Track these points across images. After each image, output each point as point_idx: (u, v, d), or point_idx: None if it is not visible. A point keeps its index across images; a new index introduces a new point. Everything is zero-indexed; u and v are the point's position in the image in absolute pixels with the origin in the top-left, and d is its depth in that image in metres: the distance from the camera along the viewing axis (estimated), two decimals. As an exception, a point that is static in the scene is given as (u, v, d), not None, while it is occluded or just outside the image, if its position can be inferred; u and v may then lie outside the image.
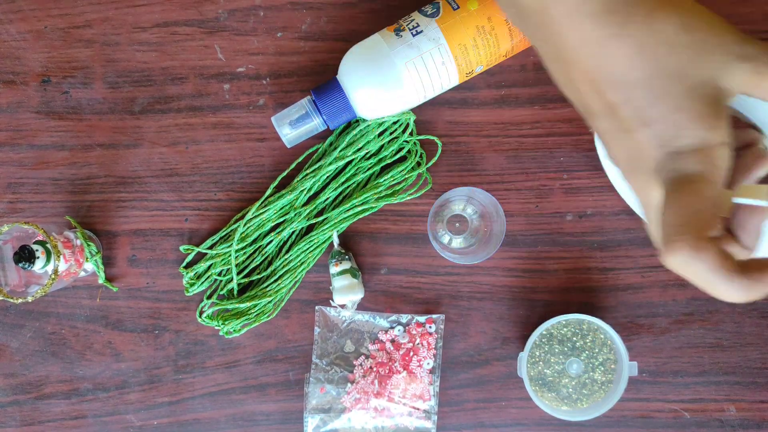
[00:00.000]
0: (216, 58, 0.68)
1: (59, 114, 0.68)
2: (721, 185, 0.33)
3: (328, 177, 0.67)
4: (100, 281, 0.67)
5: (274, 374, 0.68)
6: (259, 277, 0.68)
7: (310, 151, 0.68)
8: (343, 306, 0.67)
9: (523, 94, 0.67)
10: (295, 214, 0.67)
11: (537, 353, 0.65)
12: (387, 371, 0.67)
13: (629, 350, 0.67)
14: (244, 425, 0.68)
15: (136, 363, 0.68)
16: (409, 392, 0.67)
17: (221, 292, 0.68)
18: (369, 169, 0.67)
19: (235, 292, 0.68)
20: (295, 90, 0.68)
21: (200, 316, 0.68)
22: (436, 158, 0.67)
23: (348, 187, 0.68)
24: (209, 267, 0.68)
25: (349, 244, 0.68)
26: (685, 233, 0.30)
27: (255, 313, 0.67)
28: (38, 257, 0.60)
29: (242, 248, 0.67)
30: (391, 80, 0.61)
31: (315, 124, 0.64)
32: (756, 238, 0.36)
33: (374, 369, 0.68)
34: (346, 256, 0.66)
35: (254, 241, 0.68)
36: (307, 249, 0.67)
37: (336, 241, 0.67)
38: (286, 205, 0.67)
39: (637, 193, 0.36)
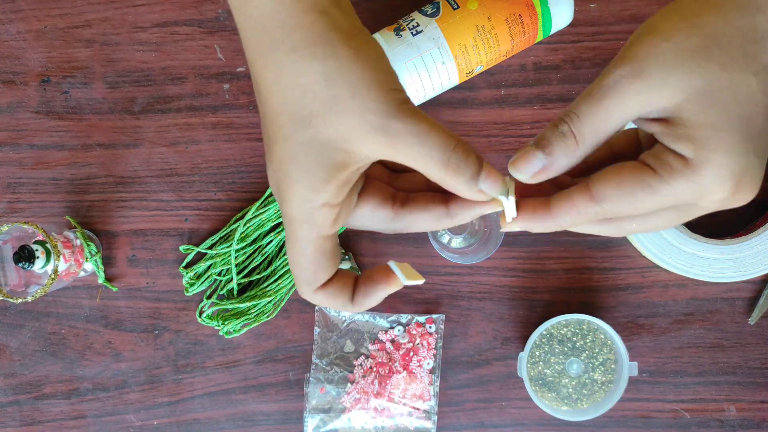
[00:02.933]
0: (216, 58, 0.68)
1: (59, 114, 0.68)
2: (325, 240, 0.35)
3: (328, 177, 0.67)
4: (100, 281, 0.67)
5: (274, 374, 0.68)
6: (259, 277, 0.68)
7: (310, 151, 0.68)
8: (343, 306, 0.67)
9: (523, 94, 0.67)
10: (295, 214, 0.67)
11: (537, 353, 0.65)
12: (387, 371, 0.67)
13: (629, 350, 0.67)
14: (244, 425, 0.68)
15: (136, 363, 0.68)
16: (409, 392, 0.67)
17: (221, 292, 0.68)
18: (369, 169, 0.67)
19: (235, 292, 0.68)
20: (295, 90, 0.68)
21: (200, 316, 0.68)
22: (436, 158, 0.67)
23: (348, 187, 0.68)
24: (209, 267, 0.68)
25: (349, 244, 0.68)
26: (301, 287, 0.36)
27: (255, 313, 0.67)
28: (38, 257, 0.59)
29: (242, 248, 0.67)
30: (391, 80, 0.61)
31: (315, 124, 0.64)
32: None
33: (374, 369, 0.68)
34: (346, 256, 0.66)
35: (254, 241, 0.68)
36: (307, 249, 0.67)
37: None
38: (286, 205, 0.67)
39: None
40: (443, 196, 0.36)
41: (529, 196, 0.36)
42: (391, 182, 0.38)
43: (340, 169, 0.33)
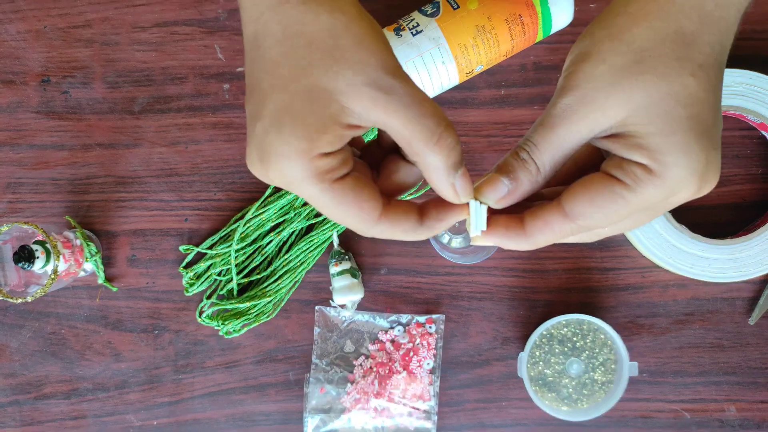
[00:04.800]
0: (216, 58, 0.68)
1: (59, 114, 0.68)
2: (339, 182, 0.34)
3: (328, 177, 0.67)
4: (100, 281, 0.67)
5: (274, 374, 0.68)
6: (258, 277, 0.68)
7: (310, 151, 0.68)
8: (343, 306, 0.67)
9: (523, 94, 0.67)
10: (295, 214, 0.67)
11: (537, 353, 0.65)
12: (387, 371, 0.67)
13: (629, 350, 0.67)
14: (244, 425, 0.68)
15: (136, 363, 0.68)
16: (409, 392, 0.67)
17: (221, 292, 0.68)
18: (369, 169, 0.67)
19: (235, 292, 0.68)
20: (295, 90, 0.68)
21: (200, 316, 0.68)
22: (436, 158, 0.67)
23: (348, 187, 0.68)
24: (209, 267, 0.68)
25: (349, 244, 0.68)
26: (356, 231, 0.36)
27: (255, 313, 0.67)
28: (38, 257, 0.59)
29: (242, 248, 0.67)
30: (391, 80, 0.61)
31: (315, 124, 0.64)
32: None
33: (374, 369, 0.68)
34: (346, 256, 0.66)
35: (254, 241, 0.68)
36: (307, 249, 0.67)
37: (336, 241, 0.67)
38: (286, 205, 0.67)
39: None
40: (419, 206, 0.36)
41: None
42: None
43: (335, 120, 0.32)
